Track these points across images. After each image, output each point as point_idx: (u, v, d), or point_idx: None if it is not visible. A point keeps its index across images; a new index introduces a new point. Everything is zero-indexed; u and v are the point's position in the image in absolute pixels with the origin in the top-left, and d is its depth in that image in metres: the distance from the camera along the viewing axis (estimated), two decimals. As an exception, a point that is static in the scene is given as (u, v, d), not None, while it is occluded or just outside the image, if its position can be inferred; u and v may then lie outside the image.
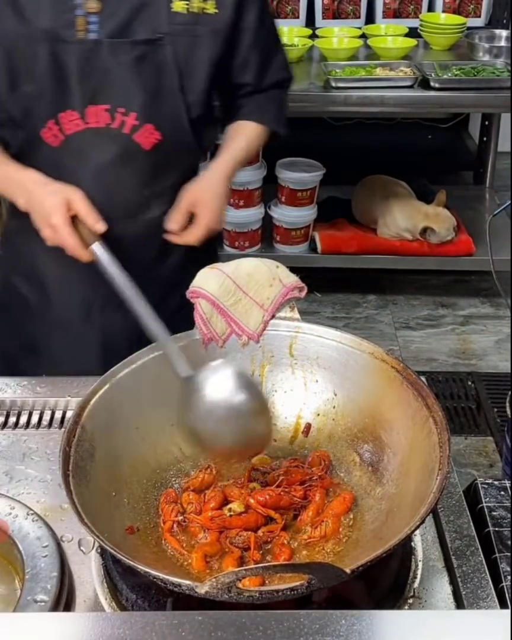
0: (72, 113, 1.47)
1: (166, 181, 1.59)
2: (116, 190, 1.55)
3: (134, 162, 1.53)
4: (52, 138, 1.50)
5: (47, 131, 1.49)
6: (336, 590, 1.01)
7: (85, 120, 1.48)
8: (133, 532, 1.12)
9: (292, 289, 1.30)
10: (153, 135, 1.51)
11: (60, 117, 1.48)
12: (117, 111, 1.48)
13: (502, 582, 1.11)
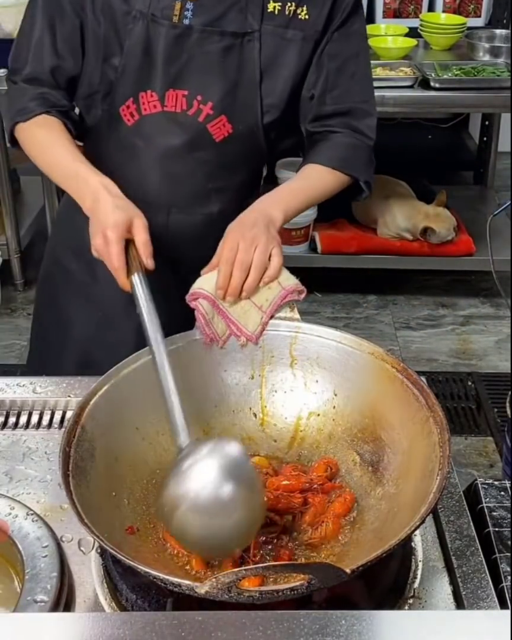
0: (152, 94, 1.49)
1: (231, 178, 1.60)
2: (180, 178, 1.56)
3: (203, 152, 1.54)
4: (128, 116, 1.52)
5: (125, 109, 1.51)
6: (336, 590, 1.01)
7: (164, 103, 1.50)
8: (133, 532, 1.12)
9: (291, 292, 1.30)
10: (226, 127, 1.51)
11: (140, 97, 1.50)
12: (195, 98, 1.49)
13: (502, 582, 1.11)
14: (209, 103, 1.49)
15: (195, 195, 1.59)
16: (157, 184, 1.54)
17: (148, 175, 1.54)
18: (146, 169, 1.54)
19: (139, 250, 1.32)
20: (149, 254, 1.33)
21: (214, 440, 1.08)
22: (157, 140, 1.53)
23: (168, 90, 1.49)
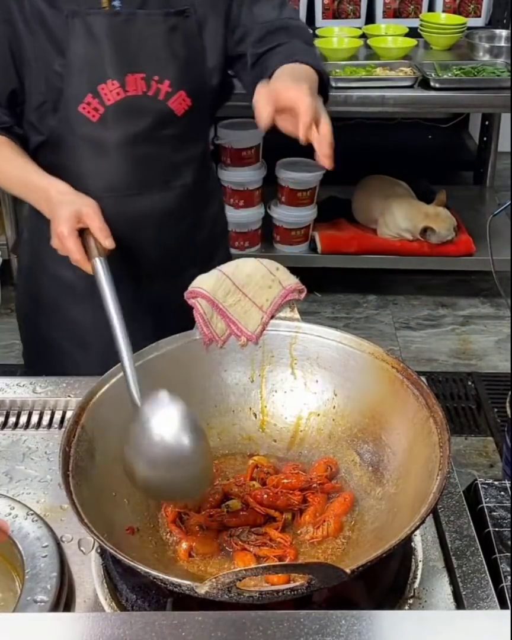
0: (113, 82, 1.52)
1: (194, 148, 1.66)
2: (152, 158, 1.61)
3: (168, 128, 1.59)
4: (92, 112, 1.54)
5: (85, 106, 1.53)
6: (336, 591, 1.01)
7: (126, 89, 1.53)
8: (133, 532, 1.12)
9: (291, 291, 1.30)
10: (185, 101, 1.58)
11: (100, 89, 1.52)
12: (152, 79, 1.54)
13: (502, 582, 1.11)
14: (165, 81, 1.55)
15: (168, 171, 1.63)
16: (132, 170, 1.59)
17: (121, 164, 1.58)
18: (118, 159, 1.57)
19: (96, 236, 1.39)
20: (106, 236, 1.39)
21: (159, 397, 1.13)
22: (125, 127, 1.56)
23: (127, 76, 1.52)
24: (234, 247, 3.39)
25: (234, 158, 3.25)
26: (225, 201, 3.34)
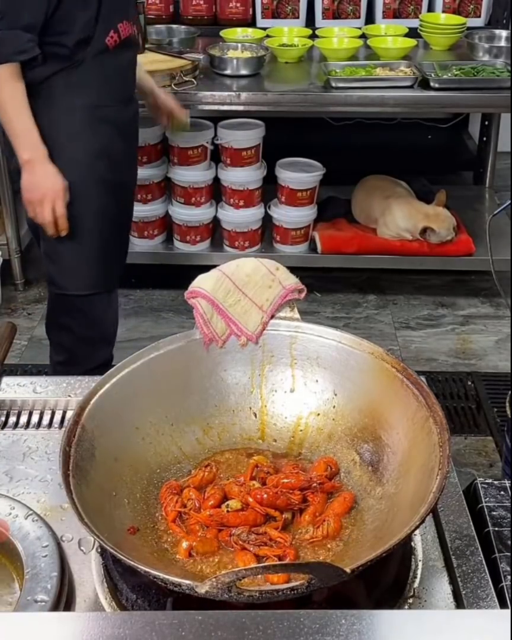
0: (127, 22, 2.20)
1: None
2: (133, 74, 2.33)
3: (136, 49, 2.35)
4: (112, 42, 2.17)
5: (109, 38, 2.16)
6: (336, 590, 1.01)
7: (130, 28, 2.22)
8: (135, 532, 1.12)
9: (291, 291, 1.30)
10: (135, 33, 2.27)
11: (119, 27, 2.17)
12: (130, 20, 2.23)
13: (502, 582, 1.11)
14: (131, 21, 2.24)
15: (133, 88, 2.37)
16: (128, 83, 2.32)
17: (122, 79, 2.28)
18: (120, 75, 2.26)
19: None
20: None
21: None
22: (127, 54, 2.25)
23: (130, 19, 2.22)
24: (234, 247, 3.39)
25: (234, 158, 3.25)
26: (225, 201, 3.35)
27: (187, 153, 3.23)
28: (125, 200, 2.43)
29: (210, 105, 3.07)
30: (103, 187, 2.28)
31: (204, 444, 1.27)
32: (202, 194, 3.32)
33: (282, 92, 3.02)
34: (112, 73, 2.21)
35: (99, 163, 2.25)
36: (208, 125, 3.24)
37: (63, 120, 2.18)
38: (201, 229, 3.38)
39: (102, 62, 2.16)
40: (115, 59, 2.19)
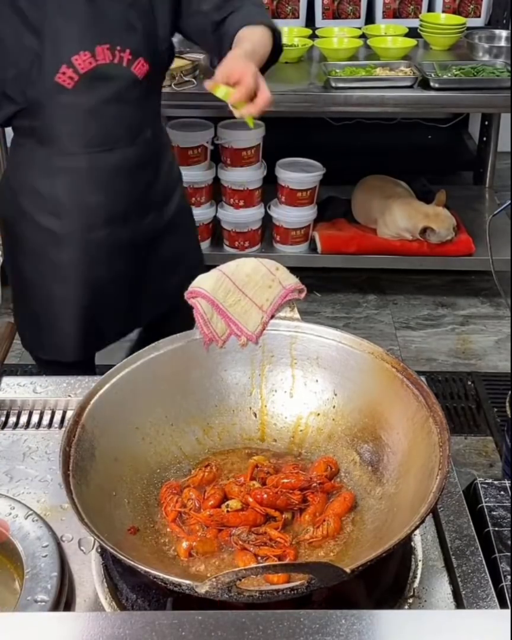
0: (85, 53, 1.75)
1: (153, 106, 1.94)
2: (121, 117, 1.85)
3: (133, 90, 1.83)
4: (67, 80, 1.75)
5: (61, 76, 1.75)
6: (336, 590, 1.01)
7: (96, 58, 1.76)
8: (135, 532, 1.12)
9: (291, 291, 1.30)
10: (144, 66, 1.82)
11: (74, 60, 1.74)
12: (116, 49, 1.77)
13: (502, 582, 1.11)
14: (127, 50, 1.78)
15: (134, 128, 1.88)
16: (103, 129, 1.84)
17: (93, 125, 1.83)
18: (92, 121, 1.82)
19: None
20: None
21: None
22: (97, 92, 1.80)
23: (96, 47, 1.75)
24: (234, 247, 3.39)
25: (234, 158, 3.25)
26: (226, 201, 3.35)
27: (187, 153, 3.23)
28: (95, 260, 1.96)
29: (210, 106, 3.07)
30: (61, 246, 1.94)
31: (204, 444, 1.27)
32: (202, 194, 3.32)
33: (282, 92, 3.02)
34: (78, 117, 1.80)
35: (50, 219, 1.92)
36: (208, 125, 3.24)
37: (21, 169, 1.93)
38: (201, 229, 3.38)
39: (60, 104, 1.77)
40: (80, 98, 1.77)
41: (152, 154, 1.94)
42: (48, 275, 1.99)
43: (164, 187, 2.01)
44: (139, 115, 1.88)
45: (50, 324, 2.03)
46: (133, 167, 1.90)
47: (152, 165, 1.96)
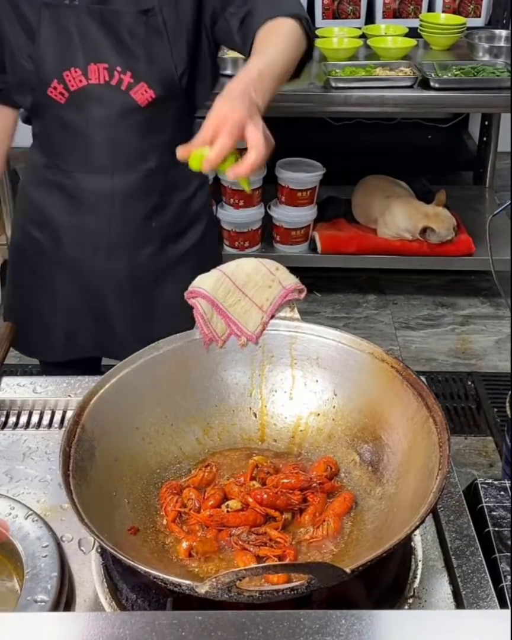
0: (76, 70, 1.63)
1: (162, 135, 1.74)
2: (117, 142, 1.71)
3: (132, 116, 1.68)
4: (58, 96, 1.66)
5: (52, 90, 1.66)
6: (336, 590, 1.01)
7: (88, 77, 1.64)
8: (136, 533, 1.12)
9: (291, 291, 1.30)
10: (148, 92, 1.65)
11: (65, 76, 1.64)
12: (115, 69, 1.63)
13: (502, 582, 1.11)
14: (128, 72, 1.63)
15: (133, 155, 1.74)
16: (98, 151, 1.72)
17: (89, 145, 1.71)
18: (85, 140, 1.71)
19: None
20: None
21: None
22: (89, 112, 1.68)
23: (90, 65, 1.63)
24: (234, 247, 3.39)
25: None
26: (225, 201, 3.35)
27: (187, 153, 3.23)
28: (89, 288, 1.86)
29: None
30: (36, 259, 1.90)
31: (204, 444, 1.27)
32: (202, 194, 3.32)
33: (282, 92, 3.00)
34: (67, 133, 1.71)
35: (35, 232, 1.87)
36: (208, 125, 3.24)
37: (26, 175, 1.92)
38: (201, 229, 3.38)
39: (52, 118, 1.71)
40: (72, 116, 1.68)
41: (155, 186, 1.78)
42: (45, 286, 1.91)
43: (174, 221, 1.83)
44: (139, 144, 1.72)
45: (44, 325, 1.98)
46: (129, 194, 1.76)
47: (156, 196, 1.79)
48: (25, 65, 1.66)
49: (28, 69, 1.66)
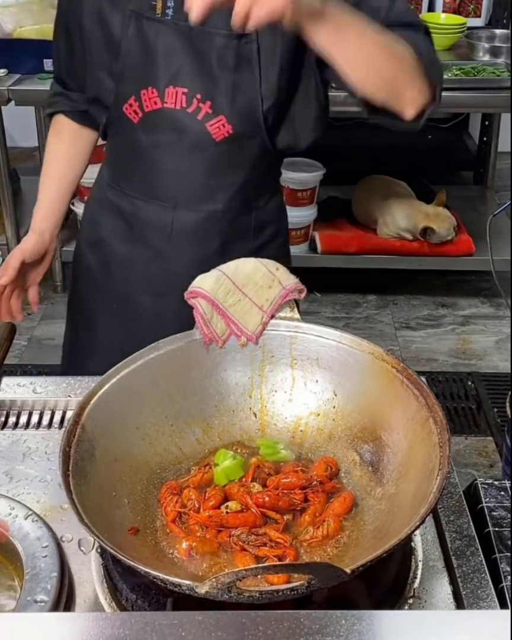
0: (153, 90, 1.52)
1: (234, 176, 1.60)
2: (183, 174, 1.59)
3: (204, 149, 1.55)
4: (133, 114, 1.56)
5: (128, 107, 1.55)
6: (336, 590, 1.01)
7: (164, 100, 1.52)
8: (136, 533, 1.12)
9: (291, 291, 1.30)
10: (225, 127, 1.52)
11: (142, 94, 1.53)
12: (195, 97, 1.50)
13: (502, 582, 1.11)
14: (207, 102, 1.50)
15: (198, 192, 1.61)
16: (163, 180, 1.60)
17: (154, 171, 1.60)
18: (152, 165, 1.59)
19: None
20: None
21: None
22: (160, 136, 1.56)
23: (168, 87, 1.51)
24: (234, 247, 3.39)
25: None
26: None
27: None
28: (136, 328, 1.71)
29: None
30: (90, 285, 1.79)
31: (204, 444, 1.27)
32: (202, 194, 3.31)
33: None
34: (136, 155, 1.61)
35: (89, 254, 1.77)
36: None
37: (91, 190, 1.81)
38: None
39: (124, 136, 1.61)
40: (143, 137, 1.57)
41: (219, 230, 1.64)
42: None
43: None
44: (207, 181, 1.59)
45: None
46: (188, 234, 1.63)
47: (216, 242, 1.65)
48: (104, 82, 1.57)
49: (106, 85, 1.56)
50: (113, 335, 1.76)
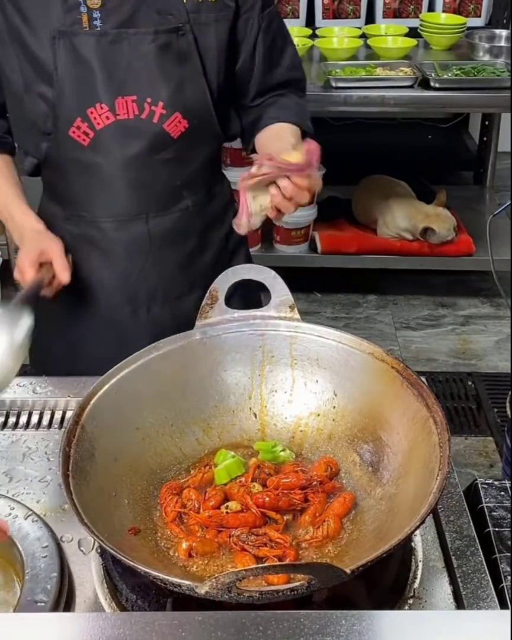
0: (102, 106, 1.47)
1: (194, 170, 1.59)
2: (148, 183, 1.55)
3: (164, 151, 1.53)
4: (82, 136, 1.49)
5: (75, 130, 1.48)
6: (336, 591, 1.01)
7: (116, 113, 1.48)
8: (136, 533, 1.12)
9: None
10: (181, 123, 1.51)
11: (89, 113, 1.47)
12: (145, 101, 1.48)
13: (502, 582, 1.11)
14: (159, 103, 1.48)
15: (167, 196, 1.59)
16: (128, 195, 1.55)
17: (116, 189, 1.54)
18: (113, 184, 1.54)
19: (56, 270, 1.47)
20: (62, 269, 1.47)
21: None
22: (118, 152, 1.51)
23: (117, 99, 1.47)
24: (234, 247, 3.39)
25: (234, 158, 3.25)
26: (225, 201, 3.34)
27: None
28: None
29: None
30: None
31: (204, 444, 1.27)
32: (202, 194, 3.32)
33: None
34: (92, 179, 1.54)
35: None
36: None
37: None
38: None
39: (72, 162, 1.53)
40: (97, 158, 1.51)
41: (194, 226, 1.63)
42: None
43: (211, 265, 1.66)
44: (173, 180, 1.57)
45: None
46: (164, 240, 1.61)
47: (193, 238, 1.64)
48: (37, 108, 1.49)
49: (40, 110, 1.49)
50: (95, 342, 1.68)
